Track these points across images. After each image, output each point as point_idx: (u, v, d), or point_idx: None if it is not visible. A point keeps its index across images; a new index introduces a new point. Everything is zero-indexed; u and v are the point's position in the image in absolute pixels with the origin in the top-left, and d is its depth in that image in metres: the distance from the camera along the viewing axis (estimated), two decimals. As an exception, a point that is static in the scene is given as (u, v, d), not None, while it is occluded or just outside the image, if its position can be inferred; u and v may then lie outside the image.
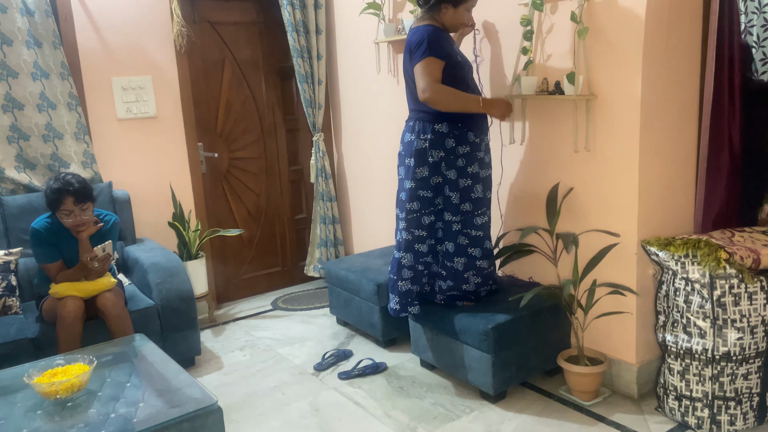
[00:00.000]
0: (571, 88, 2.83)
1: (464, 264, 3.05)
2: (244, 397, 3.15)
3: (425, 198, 3.00)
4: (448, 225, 3.03)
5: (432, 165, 2.96)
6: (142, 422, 2.10)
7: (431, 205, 3.02)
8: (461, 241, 3.04)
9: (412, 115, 3.03)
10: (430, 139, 2.93)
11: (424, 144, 2.94)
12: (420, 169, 2.96)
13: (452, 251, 3.04)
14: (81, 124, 3.64)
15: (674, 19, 2.71)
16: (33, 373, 2.30)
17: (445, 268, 3.08)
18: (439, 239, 3.09)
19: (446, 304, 3.11)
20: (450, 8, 2.87)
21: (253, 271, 4.66)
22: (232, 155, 4.46)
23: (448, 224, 3.03)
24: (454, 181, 2.97)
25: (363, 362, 3.40)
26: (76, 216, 2.93)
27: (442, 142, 2.93)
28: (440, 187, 3.00)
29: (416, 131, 2.96)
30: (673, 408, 2.69)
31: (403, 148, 3.04)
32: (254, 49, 4.46)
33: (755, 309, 2.47)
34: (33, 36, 3.45)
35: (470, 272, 3.06)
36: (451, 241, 3.04)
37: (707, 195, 2.86)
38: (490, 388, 2.89)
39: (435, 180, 2.98)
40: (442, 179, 2.98)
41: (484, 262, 3.08)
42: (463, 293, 3.09)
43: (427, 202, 3.01)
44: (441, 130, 2.91)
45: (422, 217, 3.02)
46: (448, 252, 3.06)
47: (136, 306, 3.21)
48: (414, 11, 3.63)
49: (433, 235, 3.09)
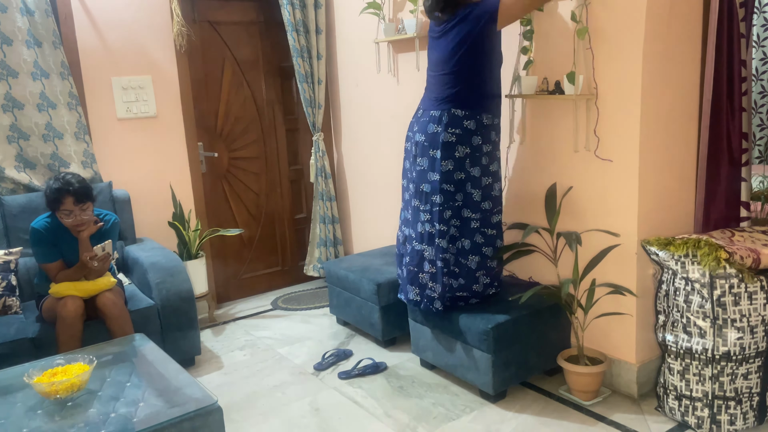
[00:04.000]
0: (571, 88, 2.83)
1: (477, 263, 3.05)
2: (244, 396, 3.15)
3: (448, 192, 2.96)
4: (466, 222, 3.02)
5: (458, 160, 2.93)
6: (142, 422, 2.10)
7: (452, 200, 2.98)
8: (478, 239, 3.04)
9: (437, 105, 2.96)
10: (458, 134, 2.90)
11: (451, 138, 2.90)
12: (446, 162, 2.92)
13: (468, 249, 3.04)
14: (81, 123, 3.64)
15: (674, 18, 2.71)
16: (33, 373, 2.30)
17: (459, 265, 3.06)
18: (453, 237, 3.04)
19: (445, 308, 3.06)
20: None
21: (253, 271, 4.66)
22: (232, 155, 4.46)
23: (466, 221, 3.02)
24: (477, 179, 2.97)
25: (363, 362, 3.40)
26: (76, 216, 2.93)
27: (470, 138, 2.92)
28: (462, 184, 2.98)
29: (443, 123, 2.91)
30: (673, 408, 2.69)
31: (427, 139, 2.96)
32: (254, 49, 4.46)
33: (755, 309, 2.47)
34: (33, 35, 3.45)
35: (481, 272, 3.06)
36: (468, 239, 3.03)
37: (707, 195, 2.86)
38: (490, 387, 2.89)
39: (458, 176, 2.95)
40: (465, 176, 2.96)
41: (494, 262, 3.09)
42: (472, 293, 3.08)
43: (449, 196, 2.97)
44: (469, 127, 2.90)
45: (444, 211, 2.98)
46: (464, 249, 3.04)
47: (136, 306, 3.21)
48: (414, 11, 3.63)
49: (450, 231, 3.05)
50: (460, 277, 3.06)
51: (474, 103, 2.91)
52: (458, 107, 2.91)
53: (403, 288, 3.21)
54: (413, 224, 3.10)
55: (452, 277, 3.06)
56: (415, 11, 3.63)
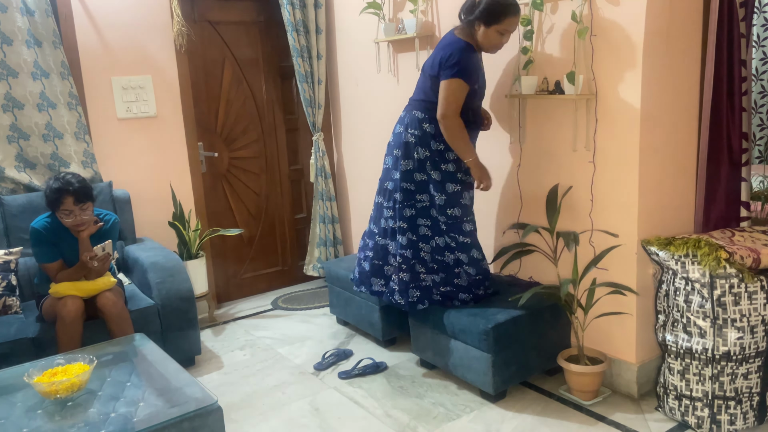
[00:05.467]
0: (571, 88, 2.83)
1: (454, 260, 3.09)
2: (244, 396, 3.15)
3: (408, 191, 3.04)
4: (435, 222, 3.06)
5: (417, 161, 3.00)
6: (142, 422, 2.10)
7: (413, 199, 3.04)
8: (449, 241, 3.07)
9: (408, 106, 3.08)
10: (417, 135, 2.98)
11: (411, 138, 2.99)
12: (405, 162, 3.02)
13: (443, 246, 3.09)
14: (81, 123, 3.64)
15: (674, 18, 2.71)
16: (33, 373, 2.30)
17: (436, 261, 3.11)
18: (426, 236, 3.08)
19: (443, 301, 3.10)
20: (482, 26, 2.81)
21: (253, 271, 4.66)
22: (232, 155, 4.46)
23: (435, 221, 3.06)
24: (439, 183, 2.99)
25: (363, 362, 3.40)
26: (76, 216, 2.93)
27: (428, 142, 2.97)
28: (424, 185, 3.03)
29: (405, 123, 3.02)
30: (673, 407, 2.69)
31: (393, 139, 3.10)
32: (254, 49, 4.46)
33: (755, 308, 2.47)
34: (33, 35, 3.45)
35: (460, 268, 3.10)
36: (441, 237, 3.08)
37: (707, 195, 2.86)
38: (490, 387, 2.89)
39: (419, 176, 3.02)
40: (427, 177, 3.02)
41: (471, 269, 3.10)
42: (457, 288, 3.10)
43: (409, 195, 3.04)
44: (428, 131, 2.96)
45: (404, 209, 3.06)
46: (438, 246, 3.09)
47: (136, 305, 3.21)
48: (414, 11, 3.63)
49: (413, 230, 3.08)
50: (440, 272, 3.11)
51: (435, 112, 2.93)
52: (420, 110, 2.99)
53: (364, 281, 3.30)
54: (376, 220, 3.23)
55: (432, 273, 3.11)
56: (415, 11, 3.63)
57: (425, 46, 3.69)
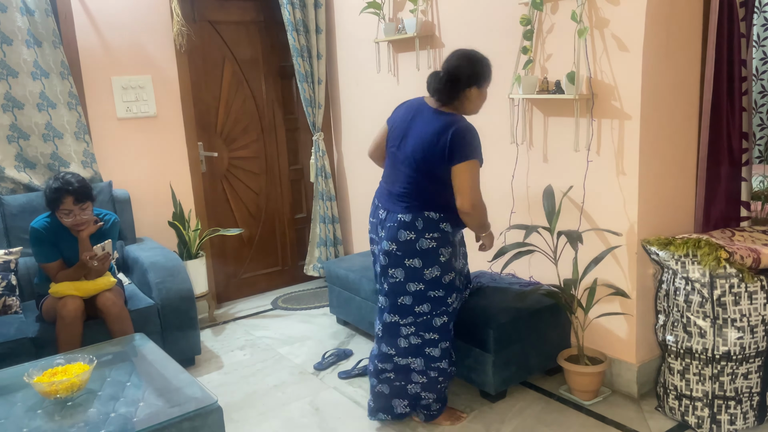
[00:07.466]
0: (571, 88, 2.83)
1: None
2: (244, 396, 3.15)
3: (437, 298, 2.66)
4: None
5: (443, 264, 2.63)
6: (142, 422, 2.10)
7: (443, 305, 2.69)
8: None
9: (406, 206, 2.61)
10: (437, 237, 2.60)
11: (431, 243, 2.59)
12: (429, 270, 2.61)
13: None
14: (81, 123, 3.64)
15: (674, 18, 2.71)
16: (33, 373, 2.30)
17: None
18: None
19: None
20: (474, 89, 2.58)
21: (253, 271, 4.66)
22: (232, 155, 4.46)
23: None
24: (460, 270, 2.79)
25: (363, 361, 3.39)
26: (75, 215, 2.93)
27: (448, 239, 2.65)
28: (452, 284, 2.70)
29: (419, 229, 2.58)
30: (673, 407, 2.69)
31: (399, 248, 2.60)
32: (254, 49, 4.45)
33: (755, 308, 2.47)
34: (33, 35, 3.45)
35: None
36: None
37: (707, 195, 2.86)
38: (490, 387, 2.89)
39: (447, 278, 2.66)
40: (454, 274, 2.71)
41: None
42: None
43: (438, 302, 2.67)
44: (446, 229, 2.62)
45: (433, 318, 2.68)
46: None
47: (136, 305, 3.21)
48: (414, 11, 3.63)
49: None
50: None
51: (439, 204, 2.61)
52: (430, 210, 2.60)
53: (384, 405, 2.79)
54: (389, 340, 2.72)
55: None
56: (415, 11, 3.63)
57: (425, 46, 3.69)
